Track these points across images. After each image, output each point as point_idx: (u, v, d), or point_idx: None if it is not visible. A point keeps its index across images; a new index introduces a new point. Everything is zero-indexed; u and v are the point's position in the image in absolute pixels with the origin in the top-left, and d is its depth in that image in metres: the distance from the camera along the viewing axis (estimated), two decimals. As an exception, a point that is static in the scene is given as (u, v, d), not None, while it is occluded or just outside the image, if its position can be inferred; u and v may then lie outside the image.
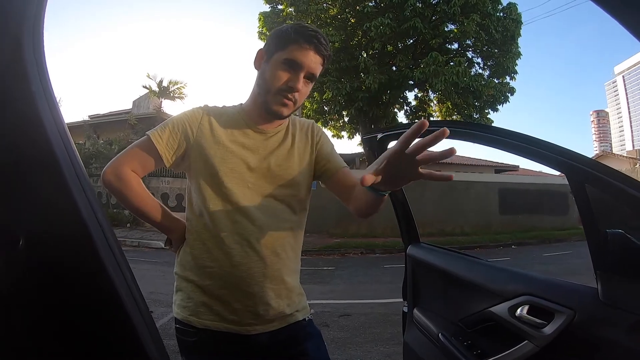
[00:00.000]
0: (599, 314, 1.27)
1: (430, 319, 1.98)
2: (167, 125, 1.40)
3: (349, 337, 4.88)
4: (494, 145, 1.62)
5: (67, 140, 0.63)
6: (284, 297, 1.41)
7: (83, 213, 0.61)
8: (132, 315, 0.65)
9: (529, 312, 1.43)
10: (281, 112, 1.37)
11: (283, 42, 1.35)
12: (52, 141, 0.61)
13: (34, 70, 0.61)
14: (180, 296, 1.42)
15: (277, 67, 1.35)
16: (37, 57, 0.62)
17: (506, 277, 1.66)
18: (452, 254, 2.06)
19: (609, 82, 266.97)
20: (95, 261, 0.61)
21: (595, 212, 1.31)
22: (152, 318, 0.70)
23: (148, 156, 1.38)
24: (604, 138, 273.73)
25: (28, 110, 0.60)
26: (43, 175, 0.61)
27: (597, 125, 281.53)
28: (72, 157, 0.63)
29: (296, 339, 1.45)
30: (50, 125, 0.61)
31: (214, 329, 1.35)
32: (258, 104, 1.42)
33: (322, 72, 1.42)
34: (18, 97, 0.60)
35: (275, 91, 1.34)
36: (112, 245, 0.64)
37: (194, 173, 1.40)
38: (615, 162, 34.07)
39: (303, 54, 1.33)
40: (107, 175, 1.35)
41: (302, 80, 1.35)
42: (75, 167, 0.63)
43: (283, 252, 1.40)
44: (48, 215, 0.62)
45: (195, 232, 1.40)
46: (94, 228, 0.62)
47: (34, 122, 0.60)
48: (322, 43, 1.35)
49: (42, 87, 0.62)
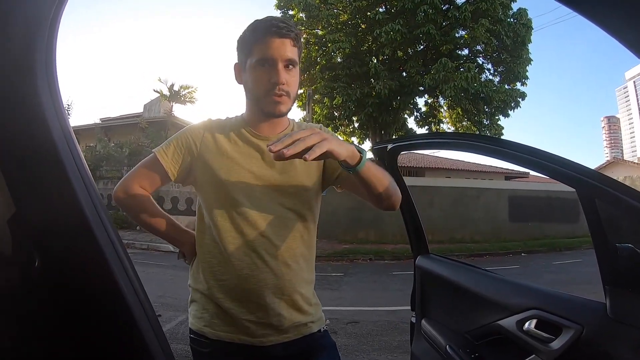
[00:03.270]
0: (607, 330, 1.26)
1: (438, 330, 1.98)
2: (171, 142, 1.43)
3: (357, 345, 4.87)
4: (503, 158, 1.62)
5: (72, 143, 0.65)
6: (298, 308, 1.39)
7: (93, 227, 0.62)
8: (144, 330, 0.65)
9: (537, 327, 1.43)
10: (279, 110, 1.35)
11: (246, 46, 1.35)
12: (58, 144, 0.62)
13: (43, 71, 0.62)
14: (194, 307, 1.44)
15: (253, 71, 1.33)
16: (48, 60, 0.63)
17: (515, 290, 1.66)
18: (461, 266, 2.06)
19: (620, 88, 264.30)
20: (109, 280, 0.62)
21: (605, 226, 1.30)
22: (160, 326, 0.70)
23: (154, 172, 1.42)
24: (615, 144, 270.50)
25: (34, 112, 0.62)
26: (51, 184, 0.63)
27: (608, 132, 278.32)
28: (80, 168, 0.64)
29: (311, 351, 1.44)
30: (56, 128, 0.62)
31: (227, 340, 1.35)
32: (254, 111, 1.41)
33: (299, 53, 1.37)
34: (24, 96, 0.62)
35: (263, 94, 1.33)
36: (126, 266, 0.65)
37: (200, 187, 1.42)
38: (627, 169, 33.64)
39: (268, 47, 1.30)
40: (117, 193, 1.42)
41: (283, 71, 1.31)
42: (85, 179, 0.64)
43: (294, 263, 1.39)
44: (60, 231, 0.63)
45: (205, 245, 1.41)
46: (99, 232, 0.63)
47: (39, 124, 0.62)
48: (281, 26, 1.30)
49: (50, 92, 0.63)
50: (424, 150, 9.18)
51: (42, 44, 0.62)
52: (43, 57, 0.62)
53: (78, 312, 0.64)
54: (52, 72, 0.63)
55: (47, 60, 0.63)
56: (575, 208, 17.08)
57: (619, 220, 1.37)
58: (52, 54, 0.63)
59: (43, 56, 0.62)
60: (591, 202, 1.31)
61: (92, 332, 0.65)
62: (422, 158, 26.95)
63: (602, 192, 1.28)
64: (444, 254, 2.41)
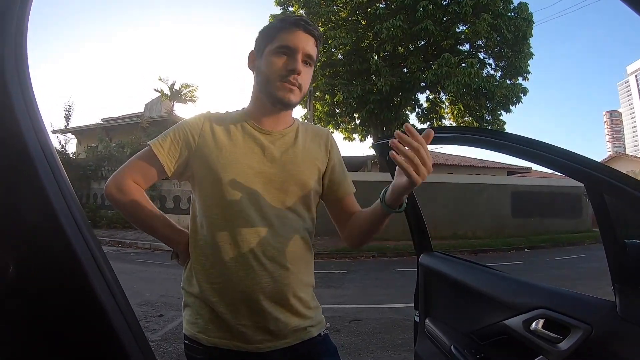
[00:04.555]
0: (617, 329, 1.22)
1: (442, 330, 1.94)
2: (168, 134, 1.37)
3: (360, 343, 4.85)
4: (508, 152, 1.58)
5: (45, 142, 0.61)
6: (295, 312, 1.33)
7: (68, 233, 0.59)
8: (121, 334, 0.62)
9: (544, 326, 1.38)
10: (288, 99, 1.32)
11: (271, 33, 1.34)
12: (28, 143, 0.58)
13: (12, 65, 0.59)
14: (188, 312, 1.37)
15: (272, 56, 1.32)
16: (18, 53, 0.60)
17: (521, 289, 1.62)
18: (466, 264, 2.02)
19: (622, 82, 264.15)
20: (83, 285, 0.59)
21: (614, 222, 1.26)
22: (141, 329, 0.66)
23: (150, 167, 1.35)
24: (617, 139, 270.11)
25: (1, 110, 0.58)
26: (24, 191, 0.59)
27: (610, 126, 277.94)
28: (54, 169, 0.61)
29: (311, 356, 1.37)
30: (27, 126, 0.59)
31: (222, 347, 1.28)
32: (261, 101, 1.38)
33: (317, 56, 1.39)
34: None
35: (276, 78, 1.31)
36: (102, 266, 0.61)
37: (197, 182, 1.35)
38: (629, 164, 33.66)
39: (294, 36, 1.31)
40: (109, 189, 1.33)
41: (301, 63, 1.31)
42: (58, 178, 0.61)
43: (293, 266, 1.32)
44: (33, 235, 0.60)
45: (199, 245, 1.34)
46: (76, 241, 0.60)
47: (8, 122, 0.58)
48: (310, 24, 1.34)
49: (21, 87, 0.59)
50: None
51: (10, 35, 0.58)
52: (12, 50, 0.58)
53: (54, 320, 0.61)
54: (22, 66, 0.59)
55: (17, 53, 0.59)
56: (578, 203, 17.11)
57: (628, 216, 1.33)
58: (23, 46, 0.59)
59: (12, 49, 0.58)
60: (600, 197, 1.27)
61: (69, 341, 0.61)
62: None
63: (612, 187, 1.24)
64: (447, 251, 2.37)
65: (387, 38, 16.20)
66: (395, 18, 15.68)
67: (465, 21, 16.93)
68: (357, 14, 18.30)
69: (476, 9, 15.97)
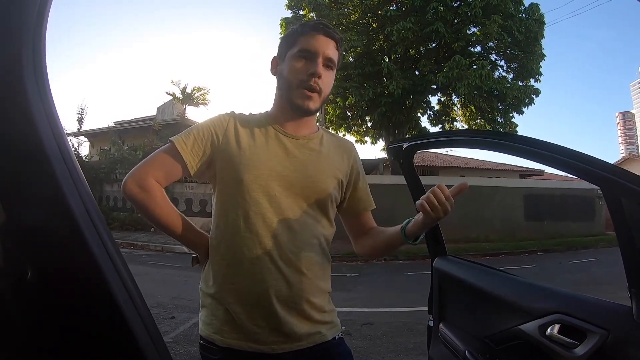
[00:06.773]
0: (634, 334, 1.19)
1: (457, 334, 1.93)
2: (191, 132, 1.34)
3: (372, 347, 4.83)
4: (523, 155, 1.57)
5: (63, 145, 0.60)
6: (308, 317, 1.32)
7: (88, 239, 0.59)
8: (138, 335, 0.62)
9: (560, 332, 1.36)
10: (307, 106, 1.33)
11: (292, 38, 1.36)
12: (46, 146, 0.58)
13: (30, 68, 0.59)
14: (204, 312, 1.37)
15: (293, 60, 1.34)
16: (36, 56, 0.60)
17: (537, 293, 1.59)
18: (481, 268, 2.00)
19: (634, 83, 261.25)
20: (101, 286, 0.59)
21: (632, 227, 1.25)
22: (157, 329, 0.66)
23: (172, 164, 1.31)
24: (630, 140, 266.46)
25: (20, 113, 0.58)
26: (42, 196, 0.59)
27: (623, 127, 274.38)
28: (72, 171, 0.60)
29: (325, 359, 1.37)
30: (45, 129, 0.59)
31: (237, 348, 1.28)
32: (282, 106, 1.39)
33: (339, 59, 1.40)
34: (9, 96, 0.58)
35: (297, 84, 1.32)
36: (120, 270, 0.61)
37: (218, 182, 1.35)
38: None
39: (314, 40, 1.33)
40: (128, 185, 1.27)
41: (321, 67, 1.32)
42: (77, 182, 0.61)
43: (309, 271, 1.32)
44: (52, 241, 0.60)
45: (217, 246, 1.33)
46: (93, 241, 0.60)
47: (26, 126, 0.58)
48: (329, 27, 1.36)
49: (39, 90, 0.59)
50: (437, 149, 9.28)
51: (28, 38, 0.58)
52: (30, 52, 0.58)
53: (73, 325, 0.61)
54: (40, 69, 0.59)
55: (35, 56, 0.59)
56: (591, 205, 16.92)
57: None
58: (41, 49, 0.60)
59: (30, 51, 0.58)
60: (617, 202, 1.25)
61: (87, 344, 0.62)
62: (436, 157, 26.88)
63: (630, 191, 1.22)
64: (459, 254, 2.36)
65: (398, 40, 16.17)
66: (406, 20, 15.64)
67: (475, 23, 16.84)
68: (367, 16, 18.29)
69: (486, 11, 15.87)
